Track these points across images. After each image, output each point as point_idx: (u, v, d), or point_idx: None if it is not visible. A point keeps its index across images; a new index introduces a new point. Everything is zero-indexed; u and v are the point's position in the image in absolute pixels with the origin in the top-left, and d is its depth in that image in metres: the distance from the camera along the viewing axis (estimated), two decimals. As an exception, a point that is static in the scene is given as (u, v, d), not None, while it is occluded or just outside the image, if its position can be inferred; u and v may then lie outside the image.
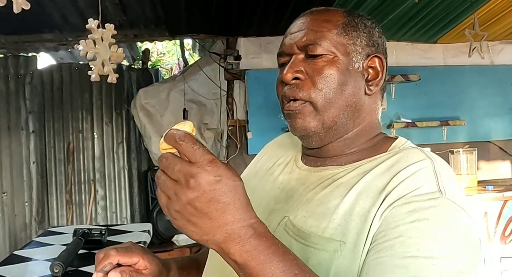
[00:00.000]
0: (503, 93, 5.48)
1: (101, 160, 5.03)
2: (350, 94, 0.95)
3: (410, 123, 5.06)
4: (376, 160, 0.91)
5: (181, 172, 0.63)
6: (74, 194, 4.92)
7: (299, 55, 0.95)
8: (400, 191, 0.79)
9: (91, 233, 1.84)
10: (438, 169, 0.84)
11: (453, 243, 0.73)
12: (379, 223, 0.77)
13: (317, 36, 0.93)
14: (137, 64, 5.92)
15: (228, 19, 4.43)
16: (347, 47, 0.95)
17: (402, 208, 0.76)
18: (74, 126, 4.97)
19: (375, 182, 0.84)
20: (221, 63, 4.90)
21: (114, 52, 2.36)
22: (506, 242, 3.40)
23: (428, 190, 0.78)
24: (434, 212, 0.75)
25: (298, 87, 0.93)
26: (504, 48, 5.56)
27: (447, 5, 4.15)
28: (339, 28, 0.95)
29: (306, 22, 0.97)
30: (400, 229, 0.73)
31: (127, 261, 0.87)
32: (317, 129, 0.93)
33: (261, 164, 1.15)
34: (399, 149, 0.94)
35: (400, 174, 0.82)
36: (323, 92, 0.92)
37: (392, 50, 5.20)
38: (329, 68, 0.92)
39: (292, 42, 0.96)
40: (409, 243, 0.71)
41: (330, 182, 0.91)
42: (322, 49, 0.93)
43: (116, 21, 4.49)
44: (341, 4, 3.97)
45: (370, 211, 0.79)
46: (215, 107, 5.11)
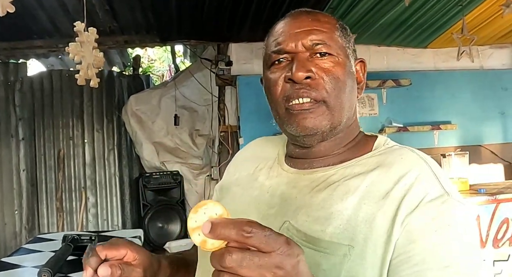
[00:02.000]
0: (494, 97, 5.51)
1: (92, 167, 5.00)
2: (352, 97, 0.96)
3: (401, 127, 5.07)
4: (367, 161, 0.91)
5: (263, 267, 0.54)
6: (65, 201, 4.88)
7: (304, 54, 0.92)
8: (412, 199, 0.80)
9: (80, 239, 1.82)
10: (434, 169, 0.86)
11: (471, 241, 0.78)
12: (400, 232, 0.77)
13: (325, 36, 0.92)
14: (128, 71, 5.90)
15: (219, 25, 4.43)
16: (346, 50, 0.96)
17: (422, 217, 0.77)
18: (64, 133, 4.95)
19: (376, 187, 0.84)
20: (212, 69, 4.89)
21: (97, 56, 2.35)
22: (498, 246, 3.39)
23: (437, 194, 0.80)
24: (450, 216, 0.78)
25: (310, 86, 0.90)
26: (494, 53, 5.60)
27: (437, 10, 4.19)
28: (338, 30, 0.96)
29: (308, 21, 0.94)
30: (427, 240, 0.75)
31: (115, 255, 0.84)
32: (326, 128, 0.92)
33: (239, 172, 1.12)
34: (384, 148, 0.95)
35: (403, 181, 0.83)
36: (335, 93, 0.91)
37: (383, 55, 5.23)
38: (338, 68, 0.92)
39: (296, 40, 0.92)
40: (441, 253, 0.74)
41: (325, 185, 0.90)
42: (331, 49, 0.92)
43: (107, 27, 4.48)
44: (333, 8, 3.98)
45: (376, 216, 0.79)
46: (206, 113, 5.10)
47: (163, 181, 4.78)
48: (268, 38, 0.99)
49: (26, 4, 3.73)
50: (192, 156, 5.09)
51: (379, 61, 5.21)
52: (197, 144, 5.13)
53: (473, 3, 4.01)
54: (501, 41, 5.37)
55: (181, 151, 5.06)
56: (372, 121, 5.15)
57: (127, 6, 4.07)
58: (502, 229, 3.42)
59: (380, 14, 4.19)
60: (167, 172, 4.85)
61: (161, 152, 4.95)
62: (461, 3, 3.81)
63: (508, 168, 5.48)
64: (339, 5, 3.96)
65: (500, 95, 5.54)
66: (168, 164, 4.92)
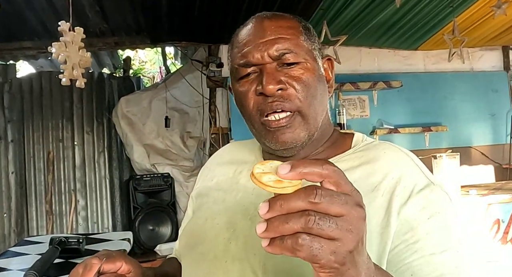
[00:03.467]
0: (484, 99, 5.54)
1: (82, 170, 4.96)
2: (324, 99, 0.96)
3: (392, 129, 5.08)
4: (350, 158, 0.93)
5: (348, 204, 0.52)
6: (54, 204, 4.84)
7: (271, 65, 0.90)
8: (403, 191, 0.83)
9: (68, 241, 1.79)
10: (416, 161, 0.91)
11: (458, 225, 0.83)
12: (397, 222, 0.80)
13: (291, 44, 0.90)
14: (119, 72, 5.87)
15: (210, 27, 4.42)
16: (313, 53, 0.94)
17: (415, 207, 0.81)
18: (54, 135, 4.90)
19: (364, 182, 0.86)
20: (203, 70, 4.87)
21: (83, 56, 2.32)
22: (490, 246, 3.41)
23: (423, 184, 0.85)
24: (438, 203, 0.83)
25: (283, 97, 0.88)
26: (484, 55, 5.63)
27: (428, 12, 4.20)
28: (303, 34, 0.94)
29: (271, 29, 0.91)
30: (422, 227, 0.79)
31: (111, 268, 0.85)
32: (305, 139, 0.92)
33: (217, 177, 1.10)
34: (364, 144, 0.98)
35: (391, 174, 0.86)
36: (308, 101, 0.90)
37: (374, 57, 5.24)
38: (307, 75, 0.91)
39: (261, 50, 0.90)
40: (437, 239, 0.79)
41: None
42: (298, 57, 0.90)
43: (97, 28, 4.46)
44: (324, 9, 3.98)
45: (368, 210, 0.77)
46: (197, 115, 5.08)
47: (153, 183, 4.75)
48: (232, 49, 0.97)
49: (15, 5, 3.69)
50: (183, 158, 5.07)
51: (370, 63, 5.22)
52: (188, 146, 5.10)
53: (464, 4, 4.03)
54: (491, 43, 5.40)
55: (172, 153, 5.04)
56: (363, 123, 5.16)
57: (118, 8, 4.04)
58: (493, 229, 3.43)
59: (371, 15, 4.19)
60: (157, 174, 4.82)
61: (151, 154, 4.92)
62: (452, 5, 3.82)
63: (498, 169, 5.51)
64: (330, 7, 3.96)
65: (490, 97, 5.57)
66: (159, 166, 4.89)
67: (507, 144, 5.57)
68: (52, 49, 2.27)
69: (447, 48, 3.75)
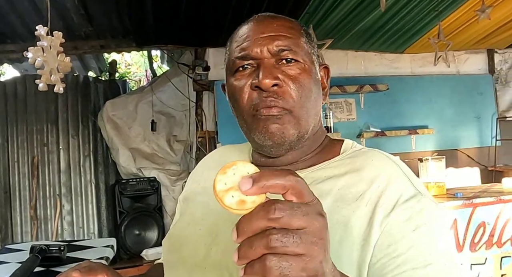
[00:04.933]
0: (470, 102, 5.57)
1: (67, 174, 4.90)
2: (318, 104, 0.95)
3: (379, 132, 5.09)
4: (336, 165, 0.92)
5: (309, 215, 0.50)
6: (39, 209, 4.77)
7: (269, 60, 0.89)
8: (387, 201, 0.81)
9: (49, 249, 1.75)
10: (404, 170, 0.89)
11: (446, 238, 0.80)
12: (378, 234, 0.77)
13: (291, 42, 0.90)
14: (104, 76, 5.82)
15: (197, 30, 4.39)
16: (312, 56, 0.94)
17: (399, 218, 0.78)
18: (38, 139, 4.84)
19: (349, 190, 0.84)
20: (189, 74, 4.84)
21: (62, 61, 2.28)
22: (475, 249, 3.41)
23: (410, 194, 0.82)
24: (426, 215, 0.80)
25: (278, 94, 0.88)
26: (470, 58, 5.67)
27: (414, 16, 4.22)
28: (304, 36, 0.94)
29: (272, 26, 0.91)
30: (407, 240, 0.76)
31: None
32: (293, 138, 0.90)
33: (204, 181, 1.09)
34: (352, 151, 0.96)
35: (376, 183, 0.83)
36: (302, 102, 0.89)
37: (361, 60, 5.25)
38: (304, 76, 0.90)
39: (261, 46, 0.89)
40: (421, 252, 0.75)
41: None
42: (297, 56, 0.90)
43: (82, 32, 4.42)
44: (310, 13, 3.98)
45: (351, 218, 0.79)
46: (184, 118, 5.06)
47: (140, 187, 4.71)
48: (231, 44, 0.96)
49: (-2, 8, 3.65)
50: (170, 162, 5.04)
51: (357, 66, 5.24)
52: (175, 150, 5.07)
53: (449, 9, 4.06)
54: (476, 47, 5.44)
55: (158, 157, 5.00)
56: (350, 126, 5.17)
57: (103, 11, 4.01)
58: (478, 232, 3.44)
59: (357, 19, 4.20)
60: (144, 179, 4.78)
61: (138, 158, 4.88)
62: (437, 9, 3.84)
63: (484, 172, 5.55)
64: (316, 11, 3.96)
65: (476, 99, 5.62)
66: (145, 170, 4.85)
67: (493, 147, 5.61)
68: (28, 54, 2.23)
69: (433, 51, 3.77)
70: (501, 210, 3.47)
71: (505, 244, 3.48)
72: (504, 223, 3.47)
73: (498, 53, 5.78)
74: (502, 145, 5.62)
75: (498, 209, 3.47)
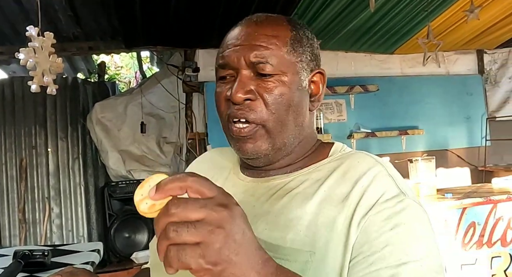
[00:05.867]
0: (460, 102, 5.59)
1: (56, 177, 4.86)
2: (299, 114, 0.93)
3: (369, 133, 5.09)
4: (324, 167, 0.91)
5: (207, 207, 0.54)
6: (28, 212, 4.73)
7: (246, 71, 0.89)
8: (368, 200, 0.80)
9: (32, 254, 1.72)
10: (390, 171, 0.88)
11: (428, 240, 0.78)
12: (357, 233, 0.77)
13: (268, 54, 0.88)
14: (93, 77, 5.79)
15: (186, 31, 4.37)
16: (296, 66, 0.91)
17: (377, 217, 0.78)
18: (27, 142, 4.80)
19: (335, 191, 0.84)
20: (179, 75, 4.82)
21: (54, 62, 2.26)
22: (466, 249, 3.42)
23: (392, 194, 0.81)
24: (406, 215, 0.79)
25: (249, 108, 0.88)
26: (459, 58, 5.69)
27: (403, 17, 4.23)
28: (288, 45, 0.91)
29: (253, 35, 0.90)
30: (383, 238, 0.75)
31: None
32: (267, 151, 0.91)
33: None
34: (341, 154, 0.95)
35: (360, 183, 0.83)
36: (276, 115, 0.88)
37: (351, 61, 5.25)
38: (281, 89, 0.88)
39: (238, 55, 0.89)
40: (397, 251, 0.74)
41: (284, 193, 0.89)
42: (274, 69, 0.88)
43: (71, 33, 4.38)
44: (299, 14, 3.97)
45: (336, 220, 0.79)
46: (174, 120, 5.03)
47: (129, 190, 4.67)
48: (220, 48, 0.96)
49: (-16, 10, 3.61)
50: (160, 164, 5.01)
51: (347, 67, 5.24)
52: (165, 152, 5.04)
53: (438, 9, 4.06)
54: (466, 47, 5.46)
55: (148, 159, 4.97)
56: (341, 127, 5.17)
57: (91, 12, 3.98)
58: (469, 233, 3.45)
59: (346, 20, 4.20)
60: (133, 181, 4.74)
61: (127, 161, 4.85)
62: (426, 9, 3.85)
63: (474, 172, 5.57)
64: (305, 12, 3.96)
65: (466, 100, 5.63)
66: (135, 173, 4.82)
67: (482, 147, 5.63)
68: (20, 55, 2.20)
69: (423, 51, 3.77)
70: (491, 210, 3.49)
71: (495, 244, 3.49)
72: (494, 223, 3.49)
73: (488, 53, 5.80)
74: (491, 145, 5.64)
75: (488, 209, 3.49)
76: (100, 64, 5.60)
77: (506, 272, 3.47)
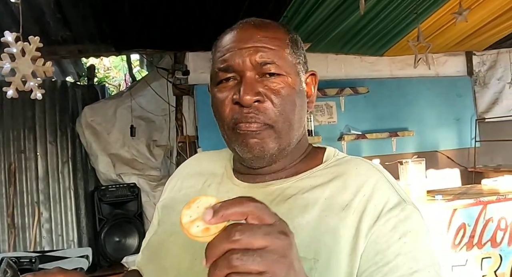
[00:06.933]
0: (449, 104, 5.62)
1: (45, 181, 4.82)
2: (302, 114, 0.94)
3: (360, 135, 5.10)
4: (321, 173, 0.91)
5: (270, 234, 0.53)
6: (17, 217, 4.68)
7: (251, 73, 0.88)
8: (373, 210, 0.81)
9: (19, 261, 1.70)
10: (388, 178, 0.89)
11: (430, 245, 0.82)
12: (365, 243, 0.78)
13: (274, 55, 0.89)
14: (83, 81, 5.75)
15: (176, 34, 4.36)
16: (296, 67, 0.93)
17: (385, 227, 0.79)
18: (15, 146, 4.75)
19: (336, 199, 0.85)
20: (169, 78, 4.80)
21: (40, 67, 2.22)
22: (456, 251, 3.43)
23: (394, 202, 0.83)
24: (411, 222, 0.81)
25: (259, 110, 0.87)
26: (448, 60, 5.72)
27: (393, 19, 4.24)
28: (289, 47, 0.92)
29: (255, 37, 0.90)
30: (393, 248, 0.77)
31: None
32: (274, 151, 0.90)
33: (185, 189, 1.07)
34: (335, 159, 0.96)
35: (362, 191, 0.84)
36: (284, 116, 0.89)
37: (341, 63, 5.26)
38: (287, 90, 0.89)
39: (244, 57, 0.88)
40: (408, 260, 0.77)
41: (282, 199, 0.88)
42: (280, 69, 0.89)
43: (59, 36, 4.35)
44: (289, 17, 3.97)
45: (339, 228, 0.80)
46: (164, 123, 5.01)
47: (119, 194, 4.64)
48: (215, 53, 0.95)
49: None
50: (150, 168, 4.99)
51: (337, 69, 5.24)
52: (155, 155, 5.02)
53: (428, 11, 4.08)
54: (455, 49, 5.49)
55: (139, 162, 4.95)
56: (331, 129, 5.17)
57: (80, 15, 3.95)
58: (459, 234, 3.46)
59: (336, 22, 4.21)
60: (123, 185, 4.71)
61: (117, 164, 4.82)
62: (416, 11, 3.86)
63: (464, 173, 5.61)
64: (295, 14, 3.96)
65: (455, 101, 5.67)
66: (125, 176, 4.79)
67: (472, 148, 5.67)
68: (-3, 62, 2.14)
69: (413, 53, 3.78)
70: (480, 211, 3.50)
71: (485, 245, 3.51)
72: (484, 224, 3.50)
73: (476, 55, 5.84)
74: (481, 146, 5.68)
75: (477, 210, 3.50)
76: (90, 67, 5.57)
77: (496, 273, 3.49)
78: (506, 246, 3.53)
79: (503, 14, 4.34)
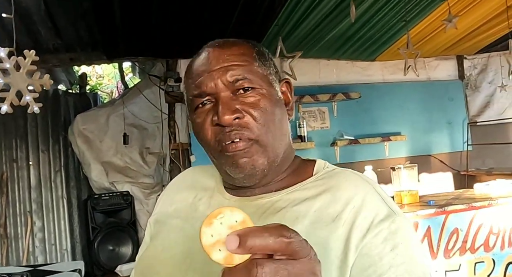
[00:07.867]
0: (441, 108, 5.65)
1: (37, 190, 4.80)
2: (283, 124, 0.94)
3: (353, 140, 5.11)
4: (311, 186, 0.91)
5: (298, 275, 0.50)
6: (9, 227, 4.66)
7: (225, 93, 0.88)
8: (363, 222, 0.81)
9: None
10: (378, 190, 0.89)
11: (421, 254, 0.82)
12: (355, 256, 0.78)
13: (244, 71, 0.89)
14: (75, 89, 5.73)
15: (168, 41, 4.35)
16: (268, 78, 0.93)
17: (376, 239, 0.79)
18: (7, 155, 4.74)
19: (326, 211, 0.84)
20: (161, 85, 4.79)
21: (36, 80, 2.21)
22: (449, 256, 3.44)
23: (384, 213, 0.83)
24: (402, 234, 0.81)
25: (241, 126, 0.87)
26: (440, 64, 5.75)
27: (383, 25, 4.27)
28: (256, 60, 0.92)
29: (223, 58, 0.90)
30: (386, 260, 0.77)
31: None
32: (264, 166, 0.89)
33: (176, 203, 1.07)
34: (325, 171, 0.96)
35: (352, 203, 0.84)
36: (266, 127, 0.88)
37: (333, 69, 5.27)
38: (263, 101, 0.89)
39: (215, 80, 0.88)
40: (400, 271, 0.76)
41: (273, 212, 0.88)
42: (253, 83, 0.89)
43: (51, 45, 4.34)
44: (280, 25, 3.98)
45: (329, 239, 0.80)
46: (156, 130, 5.00)
47: (112, 202, 4.63)
48: (187, 80, 0.95)
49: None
50: (143, 175, 4.98)
51: (329, 75, 5.26)
52: (148, 163, 5.01)
53: (416, 18, 4.12)
54: (446, 53, 5.52)
55: (132, 170, 4.94)
56: (324, 134, 5.18)
57: (71, 23, 3.94)
58: (452, 239, 3.47)
59: (327, 29, 4.23)
60: (116, 193, 4.70)
61: (110, 172, 4.80)
62: (404, 19, 3.88)
63: (456, 176, 5.63)
64: (286, 22, 3.97)
65: (447, 105, 5.70)
66: (118, 184, 4.78)
67: (464, 151, 5.69)
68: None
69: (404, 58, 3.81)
70: (473, 216, 3.51)
71: (478, 249, 3.51)
72: (476, 229, 3.51)
73: (468, 59, 5.88)
74: (473, 149, 5.71)
75: (470, 215, 3.51)
76: (82, 75, 5.55)
77: (489, 277, 3.50)
78: (499, 250, 3.54)
79: (493, 18, 4.38)
